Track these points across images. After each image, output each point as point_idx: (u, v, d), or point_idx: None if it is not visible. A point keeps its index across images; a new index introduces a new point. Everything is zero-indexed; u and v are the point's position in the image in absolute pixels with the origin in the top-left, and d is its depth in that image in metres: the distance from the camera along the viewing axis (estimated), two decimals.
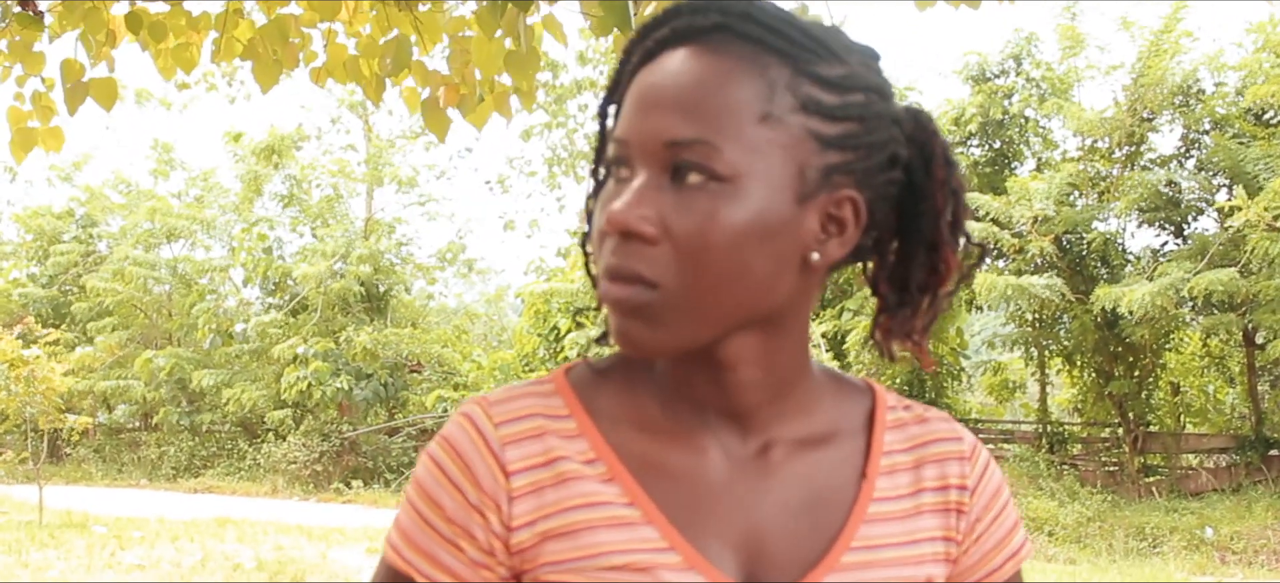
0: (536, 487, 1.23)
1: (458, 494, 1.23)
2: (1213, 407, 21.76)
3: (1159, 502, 18.57)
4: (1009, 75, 20.94)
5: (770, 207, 1.16)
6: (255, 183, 28.67)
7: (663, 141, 1.16)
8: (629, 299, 1.17)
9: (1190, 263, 17.67)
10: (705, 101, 1.15)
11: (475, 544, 1.23)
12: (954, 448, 1.36)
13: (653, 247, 1.15)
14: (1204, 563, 15.97)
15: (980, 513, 1.36)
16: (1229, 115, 19.40)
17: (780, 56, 1.18)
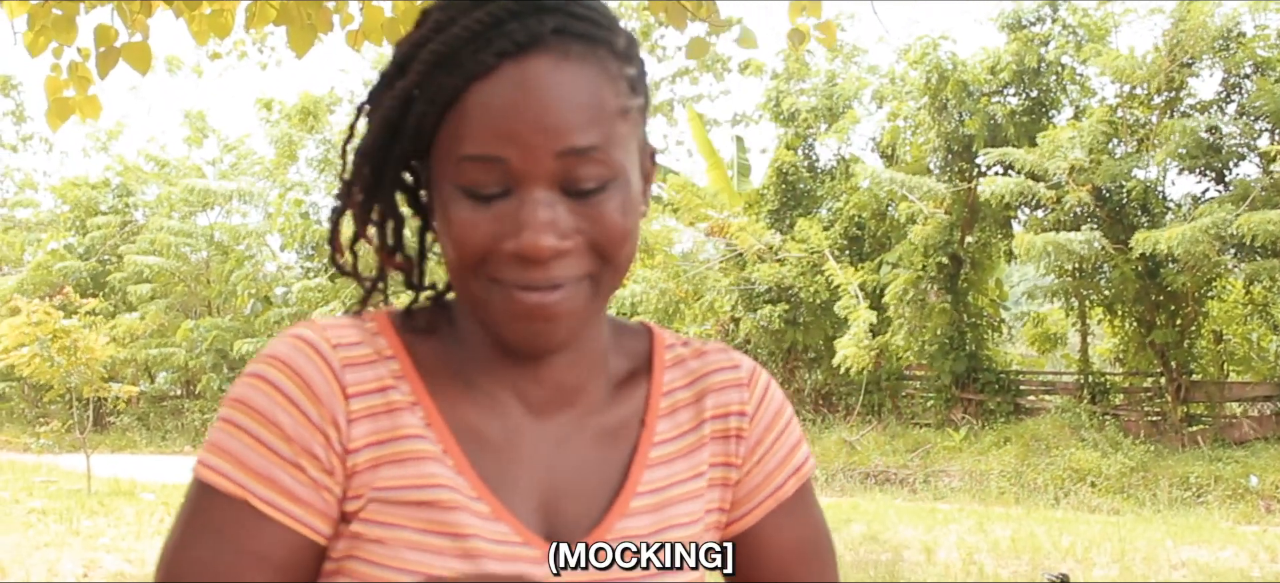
0: (371, 412, 1.25)
1: (296, 412, 1.23)
2: (1256, 354, 21.58)
3: (1202, 451, 18.47)
4: (1045, 22, 20.74)
5: (635, 186, 1.26)
6: (289, 148, 28.75)
7: (554, 153, 1.18)
8: (562, 301, 1.22)
9: (1232, 207, 17.52)
10: (583, 111, 1.19)
11: (317, 464, 1.23)
12: (732, 376, 1.43)
13: (568, 257, 1.21)
14: (1249, 512, 15.90)
15: (760, 436, 1.43)
16: (1271, 59, 19.16)
17: (608, 47, 1.24)
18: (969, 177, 20.42)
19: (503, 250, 1.20)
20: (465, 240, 1.22)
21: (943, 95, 20.46)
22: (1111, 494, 17.19)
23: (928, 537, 12.72)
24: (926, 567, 11.50)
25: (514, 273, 1.21)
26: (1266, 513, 15.92)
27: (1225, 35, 19.08)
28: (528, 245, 1.18)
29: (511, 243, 1.20)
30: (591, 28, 1.22)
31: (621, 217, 1.23)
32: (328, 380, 1.24)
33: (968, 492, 17.88)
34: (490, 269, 1.22)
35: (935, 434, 19.98)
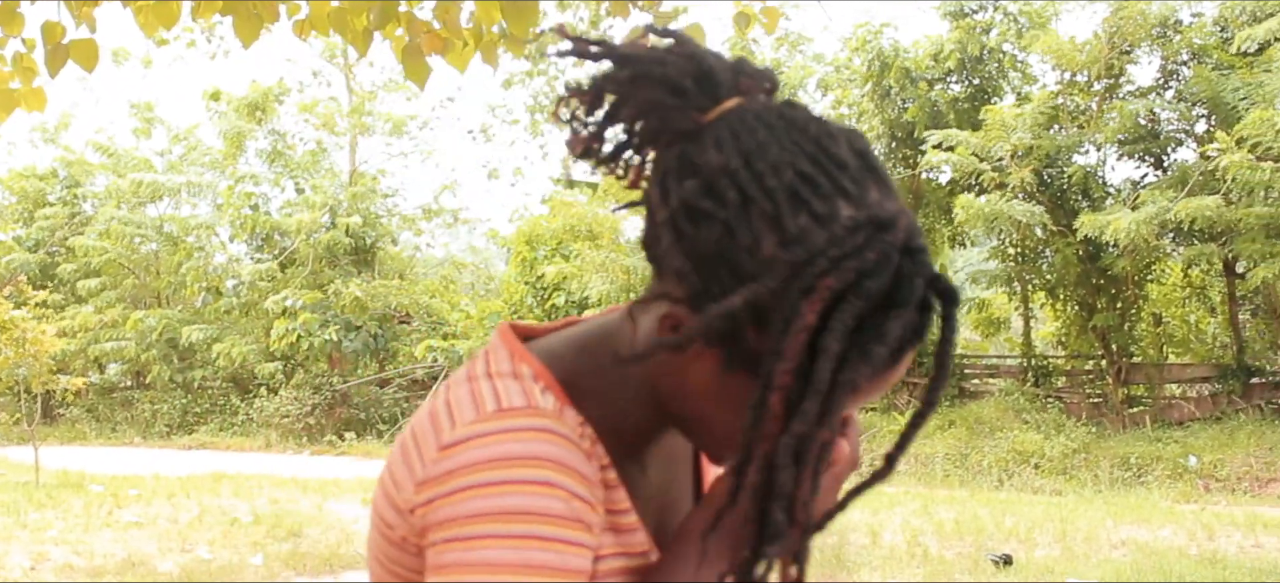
0: (609, 484, 1.27)
1: (580, 501, 1.19)
2: (1195, 337, 21.90)
3: (1143, 432, 18.74)
4: (987, 10, 20.96)
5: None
6: (238, 139, 28.65)
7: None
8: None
9: (1171, 193, 17.77)
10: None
11: (591, 534, 1.21)
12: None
13: None
14: (1188, 491, 16.14)
15: None
16: (1207, 46, 19.46)
17: None
18: (912, 163, 20.62)
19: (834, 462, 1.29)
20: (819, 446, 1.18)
21: (886, 83, 20.65)
22: (1054, 475, 17.41)
23: (873, 520, 12.84)
24: (871, 550, 11.62)
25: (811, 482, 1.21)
26: (1205, 492, 16.17)
27: (1163, 23, 19.37)
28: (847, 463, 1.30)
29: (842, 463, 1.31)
30: None
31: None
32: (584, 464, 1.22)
33: (913, 475, 18.05)
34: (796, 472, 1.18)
35: (881, 418, 20.17)
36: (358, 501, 15.01)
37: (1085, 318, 20.39)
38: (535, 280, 23.79)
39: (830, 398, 1.13)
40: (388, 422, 24.35)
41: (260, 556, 11.64)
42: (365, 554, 1.41)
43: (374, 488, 1.34)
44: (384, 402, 24.95)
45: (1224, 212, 16.90)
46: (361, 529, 12.99)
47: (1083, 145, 19.67)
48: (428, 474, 1.21)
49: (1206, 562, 11.04)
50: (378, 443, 23.02)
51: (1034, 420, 19.02)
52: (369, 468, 19.32)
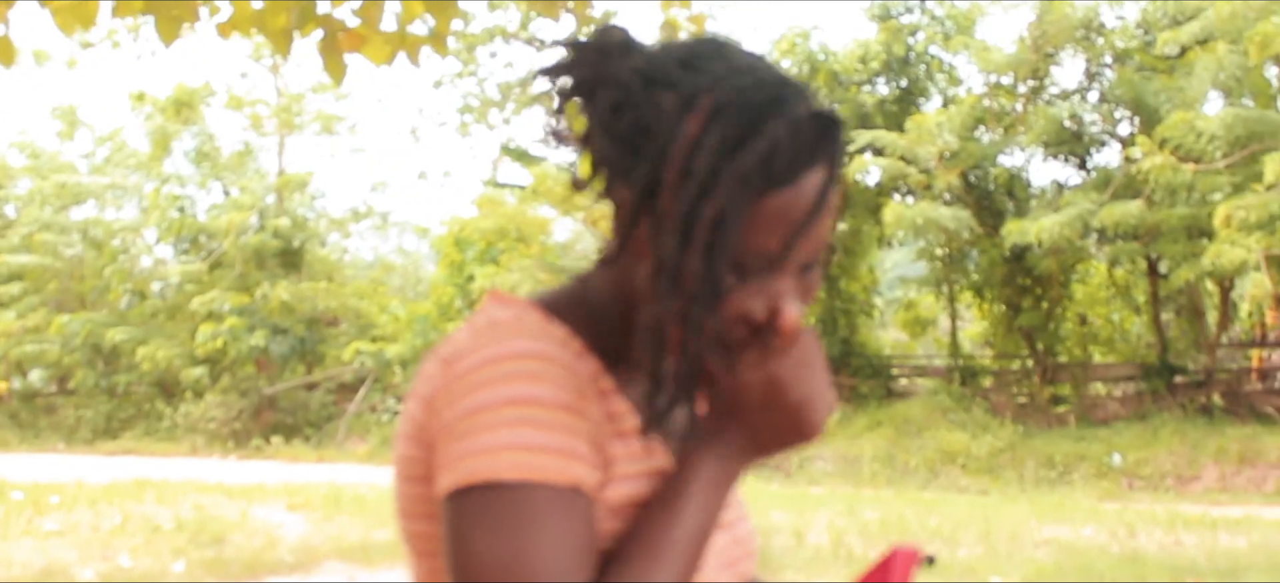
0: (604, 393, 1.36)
1: (571, 389, 1.27)
2: (1119, 336, 22.18)
3: (1068, 431, 18.92)
4: (914, 13, 21.11)
5: None
6: (164, 141, 28.34)
7: (819, 249, 1.34)
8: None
9: (1095, 194, 17.97)
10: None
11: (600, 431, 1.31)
12: None
13: None
14: (1112, 489, 16.32)
15: None
16: (1130, 49, 19.71)
17: None
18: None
19: (746, 316, 1.32)
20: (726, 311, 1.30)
21: (814, 85, 20.70)
22: (980, 475, 17.55)
23: (799, 521, 12.87)
24: (796, 551, 11.64)
25: (741, 332, 1.32)
26: (1129, 490, 16.37)
27: (1086, 26, 19.60)
28: (791, 326, 1.32)
29: (768, 316, 1.32)
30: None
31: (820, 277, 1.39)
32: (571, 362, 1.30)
33: (841, 475, 18.13)
34: (716, 322, 1.30)
35: None
36: (283, 505, 14.88)
37: (1011, 318, 20.58)
38: (464, 282, 23.71)
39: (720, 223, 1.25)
40: (315, 426, 24.19)
41: (182, 562, 11.51)
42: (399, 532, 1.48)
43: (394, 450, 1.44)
44: (312, 405, 24.77)
45: (1146, 214, 17.11)
46: (285, 534, 12.89)
47: (1008, 147, 19.85)
48: (432, 390, 1.32)
49: (1128, 560, 11.16)
50: (305, 447, 22.85)
51: (960, 420, 19.16)
52: (296, 472, 19.17)
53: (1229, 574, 10.43)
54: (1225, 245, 15.70)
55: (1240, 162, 16.25)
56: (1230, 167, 16.33)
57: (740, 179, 1.25)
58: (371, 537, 12.59)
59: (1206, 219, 16.62)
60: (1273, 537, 12.10)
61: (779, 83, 1.30)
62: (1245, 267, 16.06)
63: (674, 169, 1.26)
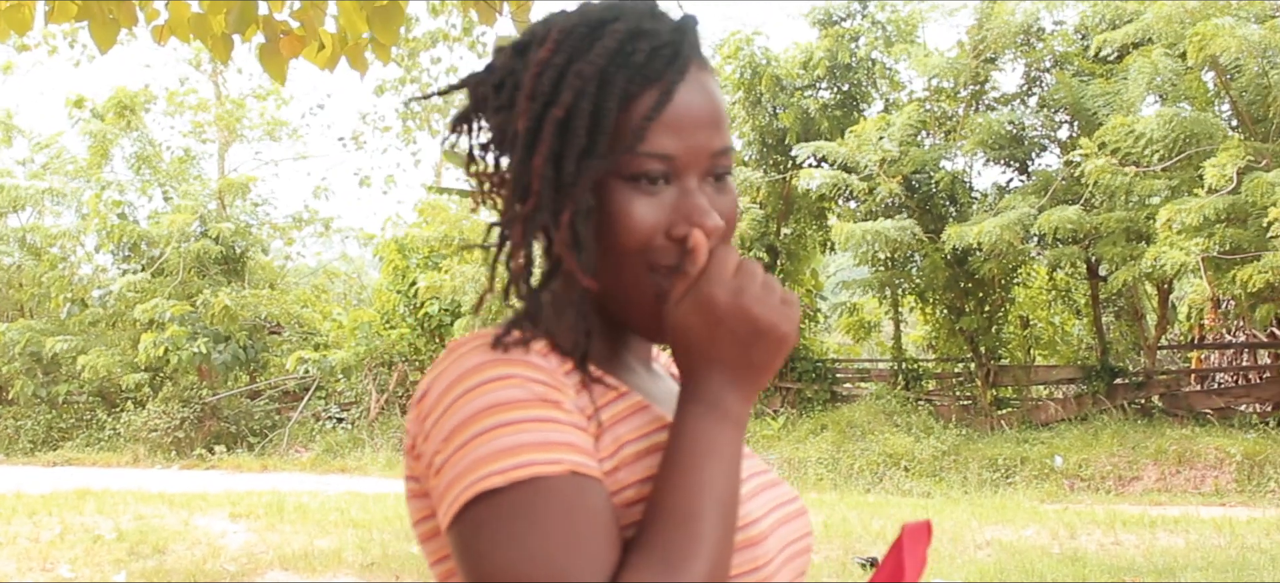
0: (585, 384, 1.37)
1: (553, 389, 1.29)
2: (1061, 339, 22.36)
3: (1010, 433, 19.05)
4: (855, 18, 21.21)
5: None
6: (103, 147, 28.07)
7: (710, 153, 1.40)
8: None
9: (1035, 198, 18.11)
10: (723, 113, 1.42)
11: (583, 414, 1.33)
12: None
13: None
14: (1053, 491, 16.45)
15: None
16: (1069, 53, 19.90)
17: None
18: (784, 169, 20.81)
19: (666, 234, 1.38)
20: (636, 227, 1.37)
21: (757, 90, 20.79)
22: (924, 478, 17.65)
23: None
24: None
25: (672, 258, 1.38)
26: (1070, 491, 16.50)
27: (1026, 31, 19.76)
28: (707, 226, 1.37)
29: (681, 227, 1.37)
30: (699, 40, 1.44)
31: (735, 204, 1.45)
32: (543, 365, 1.32)
33: (786, 479, 18.07)
34: (650, 257, 1.38)
35: (754, 423, 20.27)
36: (225, 514, 14.80)
37: (954, 321, 20.69)
38: (407, 289, 23.62)
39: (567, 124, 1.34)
40: (258, 434, 24.03)
41: (123, 573, 11.44)
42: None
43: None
44: (255, 414, 24.61)
45: (1086, 217, 17.26)
46: (228, 543, 12.82)
47: (950, 152, 19.99)
48: (412, 436, 1.36)
49: (1068, 560, 11.27)
50: (248, 456, 22.71)
51: (904, 424, 19.26)
52: (239, 481, 19.07)
53: (1167, 573, 10.55)
54: (1164, 248, 15.85)
55: (1177, 165, 16.42)
56: (1167, 170, 16.50)
57: (582, 79, 1.34)
58: (314, 545, 12.55)
59: (1145, 222, 16.78)
60: (1209, 536, 12.25)
61: (627, 4, 1.41)
62: (1184, 270, 16.22)
63: (525, 93, 1.38)
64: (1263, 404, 19.59)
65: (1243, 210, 15.31)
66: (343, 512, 14.75)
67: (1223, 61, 16.74)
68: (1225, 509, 14.43)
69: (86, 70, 60.24)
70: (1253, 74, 16.71)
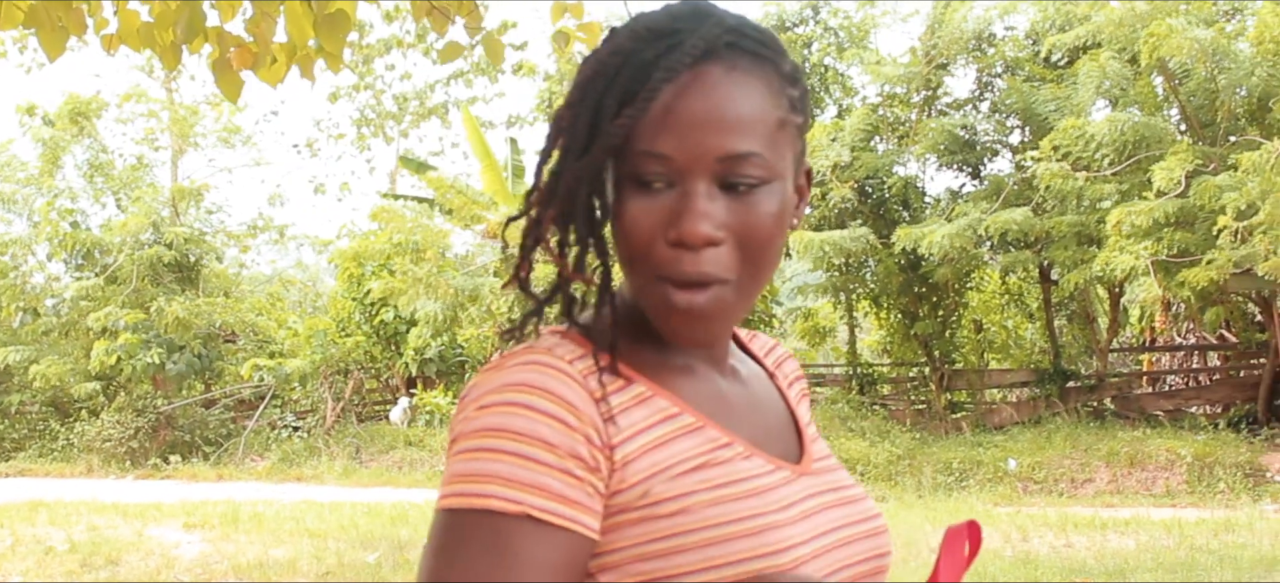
0: (625, 407, 1.38)
1: (557, 424, 1.30)
2: (1013, 342, 22.54)
3: (964, 437, 19.16)
4: (808, 24, 21.30)
5: (786, 195, 1.42)
6: (55, 154, 27.87)
7: (716, 157, 1.35)
8: (712, 301, 1.38)
9: (987, 203, 18.23)
10: (745, 117, 1.36)
11: (582, 464, 1.30)
12: (784, 352, 1.75)
13: (719, 249, 1.36)
14: (1007, 494, 16.55)
15: (806, 394, 1.75)
16: (1020, 59, 20.05)
17: (772, 65, 1.41)
18: None
19: (665, 239, 1.36)
20: (633, 229, 1.38)
21: None
22: (879, 482, 17.71)
23: None
24: None
25: (671, 266, 1.36)
26: (1024, 494, 16.60)
27: (977, 37, 19.89)
28: (686, 231, 1.34)
29: (672, 231, 1.35)
30: (759, 46, 1.40)
31: (770, 217, 1.38)
32: (576, 391, 1.33)
33: None
34: (653, 263, 1.37)
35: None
36: (180, 525, 14.73)
37: (908, 326, 20.81)
38: (363, 296, 23.56)
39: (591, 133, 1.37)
40: (213, 443, 23.89)
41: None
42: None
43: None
44: (210, 423, 24.46)
45: (1037, 221, 17.39)
46: (182, 553, 12.76)
47: (902, 157, 20.10)
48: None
49: (1020, 562, 11.35)
50: (204, 465, 22.57)
51: (860, 428, 19.34)
52: (194, 491, 18.97)
53: (1118, 574, 10.65)
54: (1114, 252, 15.99)
55: (1127, 169, 16.56)
56: (1117, 174, 16.64)
57: (587, 80, 1.40)
58: (269, 555, 12.51)
59: (1095, 226, 16.91)
60: (1160, 537, 12.36)
61: (673, 7, 1.43)
62: (1134, 273, 16.36)
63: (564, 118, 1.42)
64: (1212, 406, 19.81)
65: (1191, 214, 15.45)
66: (298, 521, 14.70)
67: (1172, 66, 16.92)
68: (1176, 510, 14.56)
69: (37, 77, 59.79)
70: (1201, 79, 16.88)
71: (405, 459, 21.22)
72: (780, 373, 1.69)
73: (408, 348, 23.23)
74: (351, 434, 22.74)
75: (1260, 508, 14.40)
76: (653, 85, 1.35)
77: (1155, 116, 17.16)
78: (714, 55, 1.37)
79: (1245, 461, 16.31)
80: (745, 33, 1.41)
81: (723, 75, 1.37)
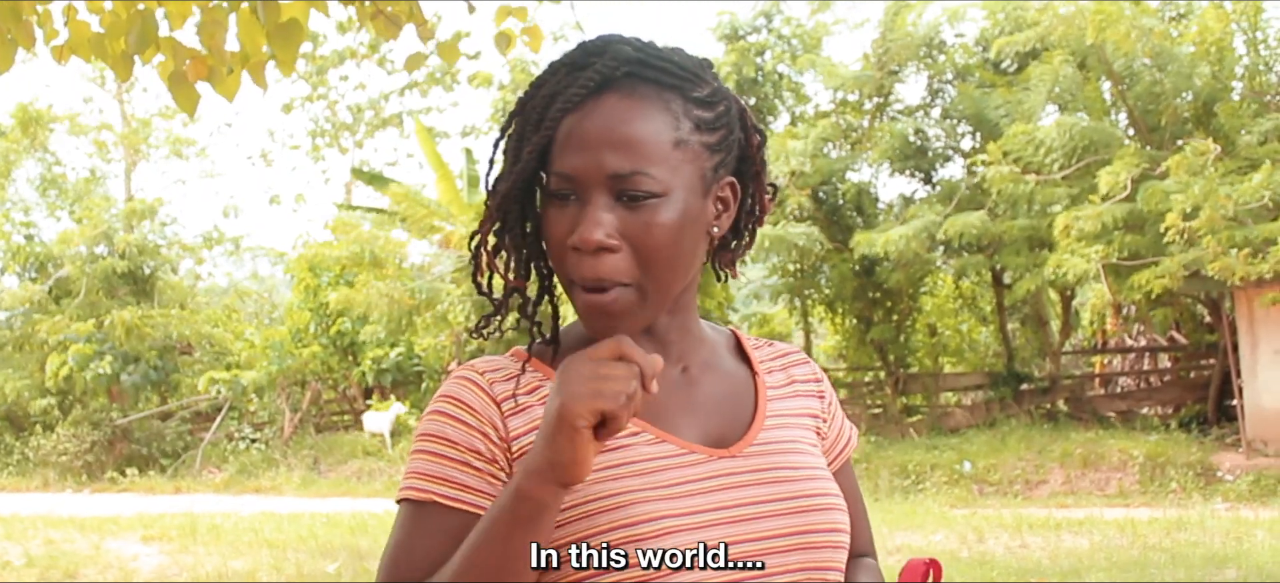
0: (526, 406, 1.62)
1: (461, 425, 1.60)
2: (968, 346, 22.67)
3: (920, 440, 19.23)
4: (761, 32, 21.34)
5: (689, 207, 1.58)
6: (6, 166, 27.71)
7: (607, 175, 1.54)
8: (614, 301, 1.56)
9: (940, 207, 18.34)
10: (634, 139, 1.54)
11: (481, 457, 1.59)
12: (799, 357, 1.89)
13: (616, 253, 1.54)
14: (963, 496, 16.63)
15: (831, 400, 1.90)
16: (970, 65, 20.19)
17: (675, 90, 1.59)
18: None
19: (569, 245, 1.56)
20: (548, 238, 1.60)
21: None
22: None
23: None
24: None
25: (576, 270, 1.57)
26: (979, 496, 16.69)
27: (928, 44, 20.01)
28: (580, 236, 1.53)
29: (572, 238, 1.55)
30: (661, 74, 1.59)
31: (663, 227, 1.55)
32: (479, 394, 1.62)
33: None
34: (566, 269, 1.59)
35: None
36: (137, 538, 14.68)
37: (863, 331, 20.89)
38: (319, 307, 23.50)
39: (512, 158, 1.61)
40: (170, 456, 23.77)
41: None
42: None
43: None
44: (167, 435, 24.33)
45: (989, 225, 17.52)
46: (140, 566, 12.72)
47: (856, 163, 20.19)
48: None
49: (976, 563, 11.44)
50: (161, 478, 22.46)
51: None
52: (151, 504, 18.86)
53: (1072, 574, 10.75)
54: (1065, 256, 16.12)
55: (1077, 173, 16.72)
56: (1067, 178, 16.80)
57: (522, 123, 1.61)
58: (228, 566, 12.48)
59: (1047, 230, 17.04)
60: (1113, 536, 12.47)
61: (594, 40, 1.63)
62: (1085, 277, 16.50)
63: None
64: (1164, 407, 19.98)
65: (1140, 218, 15.61)
66: (257, 532, 14.67)
67: (1118, 68, 17.10)
68: (1128, 510, 14.67)
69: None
70: (1147, 84, 17.07)
71: (364, 470, 21.19)
72: (774, 377, 1.82)
73: (365, 358, 23.18)
74: (309, 445, 22.68)
75: (1211, 507, 14.53)
76: (552, 115, 1.56)
77: (1103, 121, 17.32)
78: (612, 84, 1.56)
79: (1196, 460, 16.47)
80: (648, 62, 1.59)
81: (618, 102, 1.56)
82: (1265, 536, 12.03)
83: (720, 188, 1.65)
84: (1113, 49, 16.27)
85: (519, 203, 1.63)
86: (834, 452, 1.87)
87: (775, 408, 1.77)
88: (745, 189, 1.72)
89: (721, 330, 1.85)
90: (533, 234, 1.66)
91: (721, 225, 1.67)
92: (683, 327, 1.71)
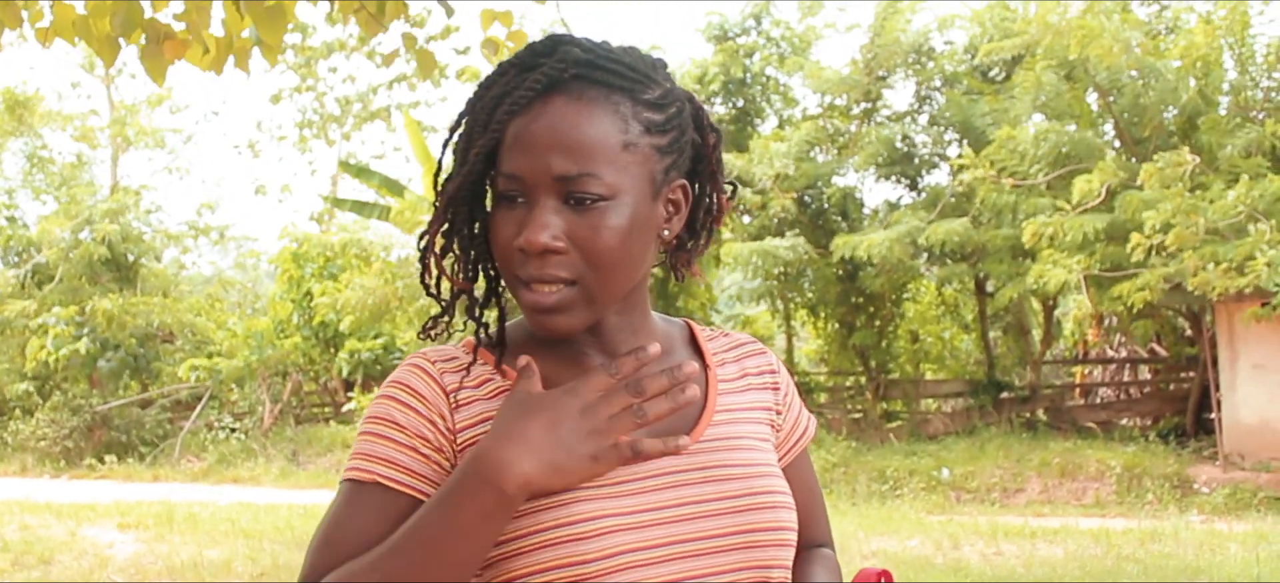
0: (472, 399, 1.65)
1: (410, 411, 1.62)
2: (949, 353, 22.70)
3: (899, 446, 19.26)
4: (750, 34, 21.36)
5: (638, 209, 1.59)
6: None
7: (552, 177, 1.55)
8: (558, 300, 1.59)
9: (925, 214, 18.37)
10: (581, 142, 1.55)
11: (428, 444, 1.61)
12: (754, 348, 1.90)
13: (563, 255, 1.56)
14: (940, 503, 16.67)
15: (787, 391, 1.90)
16: (958, 73, 20.23)
17: (623, 93, 1.59)
18: None
19: (516, 246, 1.58)
20: (495, 238, 1.62)
21: None
22: None
23: None
24: None
25: (523, 269, 1.59)
26: (956, 502, 16.74)
27: (917, 50, 20.05)
28: (526, 239, 1.55)
29: (519, 239, 1.57)
30: (610, 77, 1.59)
31: (610, 230, 1.56)
32: (429, 384, 1.64)
33: None
34: (512, 267, 1.61)
35: None
36: (113, 524, 14.65)
37: (845, 336, 20.93)
38: (302, 298, 23.45)
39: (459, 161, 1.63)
40: (150, 443, 23.70)
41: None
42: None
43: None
44: (146, 423, 24.25)
45: (973, 233, 17.55)
46: (115, 553, 12.70)
47: (842, 168, 20.22)
48: None
49: (951, 569, 11.48)
50: (139, 465, 22.40)
51: None
52: (128, 491, 18.83)
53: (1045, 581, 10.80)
54: (1047, 265, 16.16)
55: (1060, 181, 16.76)
56: (1052, 187, 16.84)
57: (470, 126, 1.64)
58: (204, 555, 12.47)
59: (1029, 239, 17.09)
60: (1087, 546, 12.52)
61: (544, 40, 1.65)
62: (1067, 287, 16.54)
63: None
64: (1143, 418, 20.08)
65: (1121, 229, 15.65)
66: (233, 522, 14.64)
67: (1103, 79, 17.15)
68: (1104, 520, 14.72)
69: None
70: (1132, 95, 17.12)
71: (343, 462, 21.14)
72: (727, 370, 1.83)
73: (343, 350, 23.14)
74: (289, 436, 22.65)
75: (1186, 519, 14.59)
76: (500, 117, 1.58)
77: (1088, 132, 17.37)
78: (559, 86, 1.58)
79: (1173, 472, 16.53)
80: (596, 64, 1.60)
81: (566, 104, 1.57)
82: (1238, 548, 12.07)
83: (671, 190, 1.67)
84: (1096, 61, 16.30)
85: (467, 204, 1.66)
86: (789, 442, 1.89)
87: (726, 403, 1.78)
88: (702, 190, 1.75)
89: (675, 322, 1.86)
90: (481, 235, 1.68)
91: (672, 228, 1.69)
92: (632, 326, 1.72)
